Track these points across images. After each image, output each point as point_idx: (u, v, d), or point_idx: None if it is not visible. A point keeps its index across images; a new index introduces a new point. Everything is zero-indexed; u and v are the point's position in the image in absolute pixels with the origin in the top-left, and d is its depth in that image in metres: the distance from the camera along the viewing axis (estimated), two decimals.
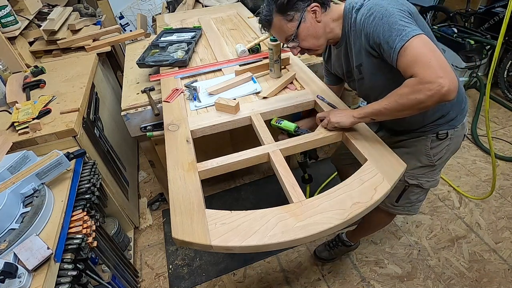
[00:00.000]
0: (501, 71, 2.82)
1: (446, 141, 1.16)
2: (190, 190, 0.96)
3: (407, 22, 0.88)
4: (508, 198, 2.04)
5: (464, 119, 1.16)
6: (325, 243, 1.80)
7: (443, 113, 1.12)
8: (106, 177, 1.67)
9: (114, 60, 2.78)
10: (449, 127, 1.14)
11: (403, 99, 0.89)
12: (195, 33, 2.00)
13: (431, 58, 0.83)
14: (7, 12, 1.97)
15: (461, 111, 1.15)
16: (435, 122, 1.14)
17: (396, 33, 0.87)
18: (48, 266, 0.97)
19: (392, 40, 0.88)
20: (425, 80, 0.83)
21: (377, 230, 1.71)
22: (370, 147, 1.05)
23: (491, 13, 2.95)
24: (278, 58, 1.44)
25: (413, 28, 0.87)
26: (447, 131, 1.14)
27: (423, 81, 0.83)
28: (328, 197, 0.91)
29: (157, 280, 1.80)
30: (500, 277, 1.65)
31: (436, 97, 0.83)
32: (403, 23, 0.88)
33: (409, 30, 0.86)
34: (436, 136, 1.15)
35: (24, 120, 1.45)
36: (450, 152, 1.20)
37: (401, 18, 0.88)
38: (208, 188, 2.32)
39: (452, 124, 1.14)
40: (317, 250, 1.81)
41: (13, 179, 1.14)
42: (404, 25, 0.87)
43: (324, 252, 1.78)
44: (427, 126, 1.15)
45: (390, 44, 0.89)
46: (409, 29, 0.87)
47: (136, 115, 1.55)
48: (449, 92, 0.82)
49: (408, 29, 0.86)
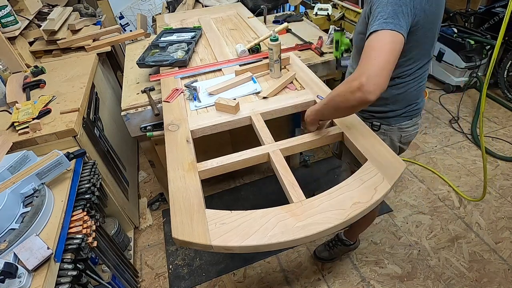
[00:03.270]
0: (501, 71, 2.82)
1: (379, 134, 1.20)
2: (190, 190, 0.96)
3: (400, 13, 0.87)
4: (508, 198, 2.04)
5: (404, 123, 1.20)
6: (325, 243, 1.81)
7: (381, 108, 1.18)
8: (106, 177, 1.67)
9: (114, 60, 2.78)
10: (383, 122, 1.20)
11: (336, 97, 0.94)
12: (195, 33, 2.00)
13: (377, 56, 0.84)
14: (7, 12, 1.97)
15: (402, 115, 1.18)
16: (372, 113, 1.21)
17: (381, 16, 0.87)
18: (48, 266, 0.97)
19: (374, 19, 0.89)
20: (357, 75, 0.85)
21: (372, 221, 1.71)
22: (370, 147, 1.05)
23: (491, 13, 2.96)
24: (278, 58, 1.44)
25: (397, 22, 0.86)
26: (380, 124, 1.21)
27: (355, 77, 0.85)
28: (328, 197, 0.91)
29: (157, 280, 1.80)
30: (500, 277, 1.65)
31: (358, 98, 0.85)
32: (394, 12, 0.86)
33: (390, 22, 0.86)
34: (371, 126, 1.21)
35: (24, 120, 1.45)
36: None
37: (400, 5, 0.87)
38: (208, 188, 2.32)
39: (388, 121, 1.20)
40: (317, 250, 1.82)
41: (13, 179, 1.14)
42: (393, 14, 0.86)
43: (324, 252, 1.78)
44: (365, 112, 1.23)
45: (372, 21, 0.90)
46: (393, 22, 0.86)
47: (136, 115, 1.55)
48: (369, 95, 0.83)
49: (391, 21, 0.86)
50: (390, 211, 2.03)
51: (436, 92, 3.16)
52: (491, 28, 2.93)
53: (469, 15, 3.09)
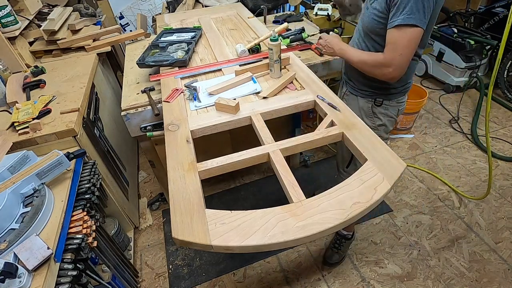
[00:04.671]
0: (501, 71, 2.82)
1: (381, 109, 1.36)
2: (190, 190, 0.96)
3: (424, 8, 0.98)
4: (508, 198, 2.04)
5: (401, 98, 1.37)
6: (331, 247, 1.80)
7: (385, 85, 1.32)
8: (106, 177, 1.67)
9: (114, 60, 2.78)
10: (385, 98, 1.34)
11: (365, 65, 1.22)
12: (195, 33, 2.00)
13: (404, 53, 1.07)
14: (7, 12, 1.97)
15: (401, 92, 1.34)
16: (374, 91, 1.35)
17: (408, 9, 0.98)
18: (48, 266, 0.97)
19: (400, 12, 1.00)
20: (384, 61, 1.12)
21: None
22: (370, 147, 1.05)
23: (491, 13, 2.96)
24: (278, 58, 1.44)
25: (422, 18, 0.98)
26: (382, 100, 1.35)
27: (383, 62, 1.13)
28: (328, 197, 0.91)
29: (157, 280, 1.80)
30: (500, 277, 1.65)
31: (382, 77, 1.19)
32: (421, 7, 0.97)
33: (417, 17, 0.97)
34: (373, 102, 1.36)
35: (24, 120, 1.45)
36: (387, 121, 1.40)
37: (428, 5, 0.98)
38: (208, 188, 2.32)
39: (389, 97, 1.34)
40: (326, 257, 1.79)
41: (13, 179, 1.14)
42: (419, 9, 0.97)
43: (334, 256, 1.77)
44: (369, 90, 1.36)
45: (397, 13, 1.01)
46: (419, 16, 0.97)
47: (136, 115, 1.55)
48: (393, 79, 1.17)
49: (417, 16, 0.97)
50: (390, 211, 2.03)
51: (436, 92, 3.16)
52: (491, 28, 2.93)
53: (469, 15, 3.09)
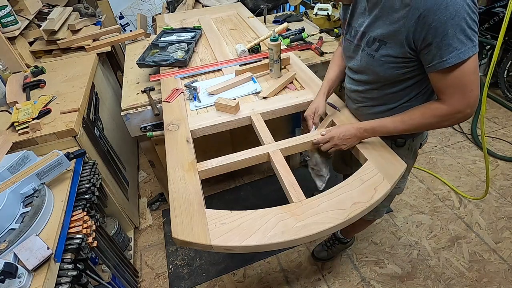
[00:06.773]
0: (501, 71, 2.82)
1: (404, 150, 1.14)
2: (190, 190, 0.96)
3: (473, 31, 0.78)
4: (508, 198, 2.04)
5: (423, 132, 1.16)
6: (322, 243, 1.81)
7: None
8: (106, 177, 1.67)
9: (114, 60, 2.78)
10: (408, 137, 1.13)
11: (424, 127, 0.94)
12: (195, 33, 2.00)
13: (473, 88, 0.82)
14: (7, 12, 1.97)
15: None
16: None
17: (456, 45, 0.77)
18: (48, 266, 0.97)
19: (446, 50, 0.78)
20: (456, 110, 0.85)
21: (365, 227, 1.75)
22: (370, 147, 1.05)
23: (491, 13, 2.95)
24: (278, 58, 1.44)
25: (475, 42, 0.78)
26: (405, 140, 1.13)
27: (454, 111, 0.86)
28: (328, 197, 0.91)
29: (157, 280, 1.80)
30: (500, 277, 1.65)
31: (455, 123, 0.89)
32: (469, 33, 0.77)
33: (470, 46, 0.78)
34: (394, 143, 1.14)
35: (24, 120, 1.45)
36: (411, 159, 1.19)
37: (470, 25, 0.77)
38: (208, 188, 2.32)
39: (413, 135, 1.13)
40: (315, 250, 1.82)
41: (13, 179, 1.14)
42: (469, 36, 0.77)
43: (322, 252, 1.78)
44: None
45: (441, 52, 0.79)
46: (471, 44, 0.78)
47: (136, 115, 1.55)
48: (468, 117, 0.87)
49: (469, 45, 0.77)
50: (390, 211, 2.03)
51: None
52: (491, 28, 2.92)
53: None
